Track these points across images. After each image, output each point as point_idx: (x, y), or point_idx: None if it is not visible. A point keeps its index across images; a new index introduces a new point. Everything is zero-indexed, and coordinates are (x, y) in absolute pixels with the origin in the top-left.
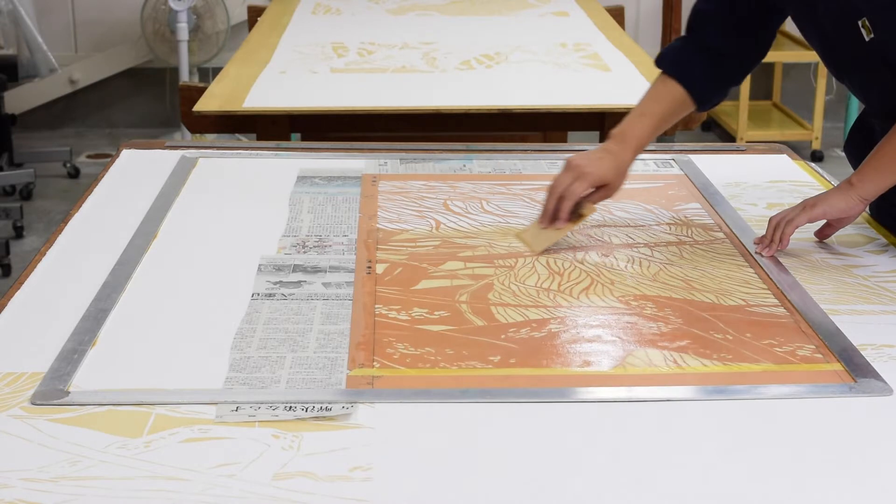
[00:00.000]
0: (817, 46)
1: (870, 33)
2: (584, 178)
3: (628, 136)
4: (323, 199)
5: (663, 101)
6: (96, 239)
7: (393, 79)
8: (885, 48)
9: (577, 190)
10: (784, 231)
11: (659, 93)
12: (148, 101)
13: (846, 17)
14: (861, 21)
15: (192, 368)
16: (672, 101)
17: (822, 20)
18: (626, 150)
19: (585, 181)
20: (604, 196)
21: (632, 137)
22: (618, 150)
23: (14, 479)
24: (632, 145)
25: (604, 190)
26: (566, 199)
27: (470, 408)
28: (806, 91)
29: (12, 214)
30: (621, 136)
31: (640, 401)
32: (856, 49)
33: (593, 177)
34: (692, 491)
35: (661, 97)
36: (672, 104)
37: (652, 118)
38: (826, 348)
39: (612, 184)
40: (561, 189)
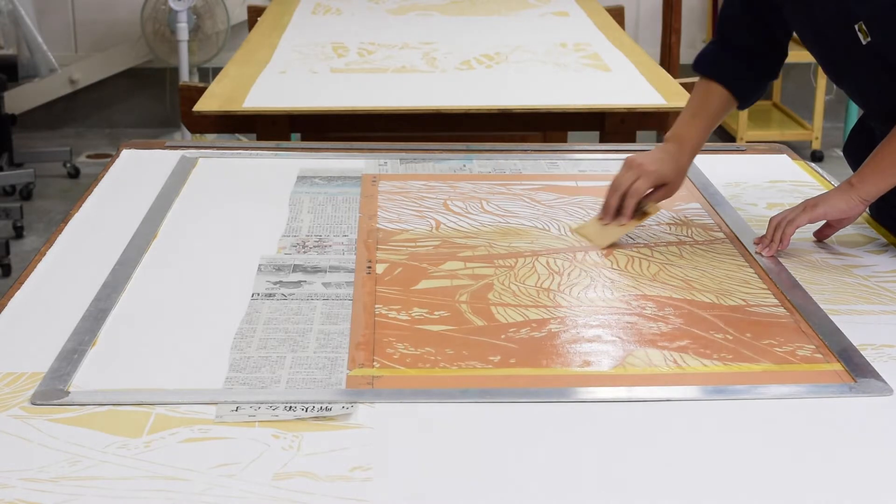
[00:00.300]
0: (815, 51)
1: (867, 37)
2: (648, 177)
3: (685, 138)
4: (323, 199)
5: (710, 101)
6: (96, 239)
7: (393, 79)
8: (883, 51)
9: (641, 187)
10: (785, 231)
11: (704, 95)
12: (148, 101)
13: (843, 21)
14: (858, 25)
15: (192, 368)
16: (718, 101)
17: (819, 25)
18: (684, 151)
19: (649, 179)
20: (664, 196)
21: (688, 139)
22: (676, 151)
23: (14, 479)
24: (689, 147)
25: (664, 189)
26: (630, 197)
27: (470, 408)
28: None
29: (12, 214)
30: (678, 139)
31: (640, 401)
32: (853, 53)
33: (656, 175)
34: (692, 491)
35: (708, 98)
36: (718, 104)
37: (704, 119)
38: (826, 348)
39: (673, 184)
40: (624, 186)
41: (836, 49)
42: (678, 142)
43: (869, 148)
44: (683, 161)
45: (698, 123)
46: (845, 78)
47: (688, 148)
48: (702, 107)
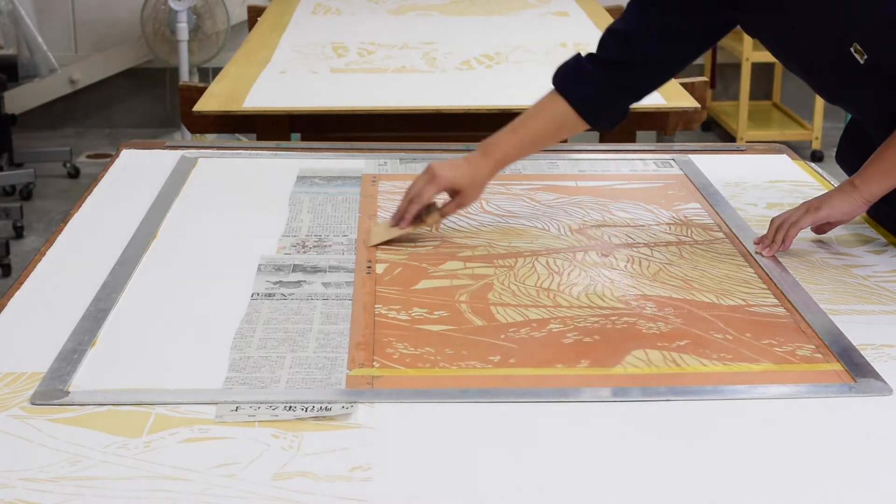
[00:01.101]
0: (804, 76)
1: (863, 56)
2: (434, 183)
3: (493, 149)
4: (323, 199)
5: (542, 119)
6: (96, 239)
7: (393, 79)
8: (882, 66)
9: (427, 194)
10: (787, 233)
11: (540, 110)
12: (148, 101)
13: (834, 46)
14: (853, 46)
15: (192, 368)
16: (553, 118)
17: (808, 54)
18: (487, 163)
19: (435, 186)
20: (456, 206)
21: (496, 151)
22: (479, 161)
23: (14, 479)
24: (493, 159)
25: (457, 199)
26: (414, 202)
27: (470, 408)
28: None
29: (12, 214)
30: (486, 149)
31: (640, 401)
32: (849, 73)
33: (444, 181)
34: (692, 491)
35: (542, 114)
36: (552, 122)
37: (524, 135)
38: (826, 348)
39: (466, 193)
40: (413, 192)
41: (830, 73)
42: (485, 152)
43: (862, 152)
44: (482, 173)
45: (516, 139)
46: (841, 97)
47: (492, 160)
48: (530, 123)
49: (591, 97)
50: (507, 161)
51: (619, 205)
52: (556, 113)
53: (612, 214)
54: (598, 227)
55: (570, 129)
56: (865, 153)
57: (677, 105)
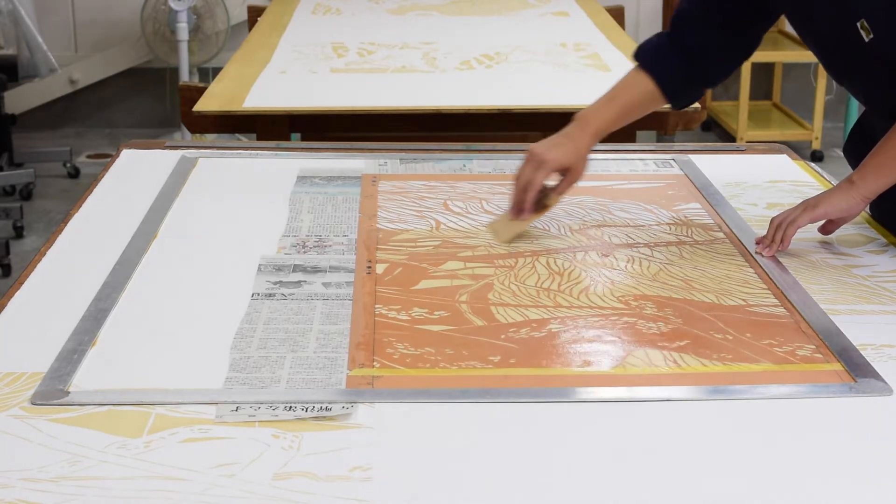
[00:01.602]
0: (816, 51)
1: (869, 34)
2: (544, 166)
3: (590, 120)
4: (323, 199)
5: (633, 91)
6: (96, 239)
7: (393, 79)
8: (885, 48)
9: (538, 179)
10: (786, 232)
11: (630, 83)
12: (148, 101)
13: (844, 20)
14: (860, 22)
15: (192, 368)
16: (642, 93)
17: (820, 25)
18: (586, 134)
19: (545, 169)
20: (569, 183)
21: (593, 122)
22: (578, 134)
23: (14, 479)
24: (592, 129)
25: (568, 176)
26: (528, 190)
27: (470, 408)
28: (806, 91)
29: (12, 214)
30: (583, 120)
31: (640, 401)
32: (855, 51)
33: (553, 163)
34: (692, 491)
35: (632, 87)
36: (641, 96)
37: (618, 105)
38: (826, 348)
39: (574, 168)
40: (524, 180)
41: (838, 48)
42: (582, 123)
43: (869, 147)
44: (583, 144)
45: (612, 108)
46: (847, 77)
47: (591, 130)
48: (622, 93)
49: (671, 77)
50: (605, 131)
51: (619, 205)
52: (644, 88)
53: (612, 214)
54: (598, 227)
55: (654, 104)
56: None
57: None
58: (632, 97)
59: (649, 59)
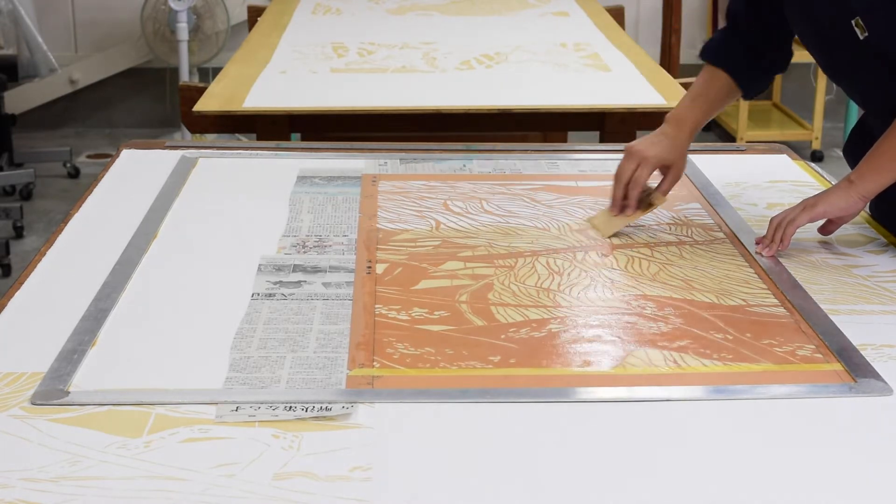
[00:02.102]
0: (814, 50)
1: (864, 31)
2: (647, 163)
3: (683, 118)
4: (323, 199)
5: (712, 87)
6: (96, 239)
7: (393, 79)
8: (881, 45)
9: (643, 176)
10: (785, 231)
11: (708, 80)
12: (148, 101)
13: (840, 17)
14: (855, 20)
15: (192, 368)
16: (720, 87)
17: (817, 23)
18: (683, 131)
19: (648, 165)
20: (672, 180)
21: (687, 120)
22: (674, 132)
23: (14, 479)
24: (688, 127)
25: (669, 174)
26: (633, 187)
27: (470, 408)
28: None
29: (12, 214)
30: (676, 120)
31: (640, 401)
32: (851, 49)
33: (655, 159)
34: (692, 491)
35: (711, 84)
36: (721, 90)
37: (704, 102)
38: (826, 348)
39: (675, 165)
40: (626, 176)
41: (835, 46)
42: (676, 123)
43: (869, 148)
44: (682, 141)
45: (698, 106)
46: (844, 76)
47: (687, 128)
48: (703, 91)
49: (741, 69)
50: (698, 128)
51: None
52: (722, 83)
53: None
54: None
55: (733, 96)
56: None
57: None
58: (714, 92)
59: (718, 55)
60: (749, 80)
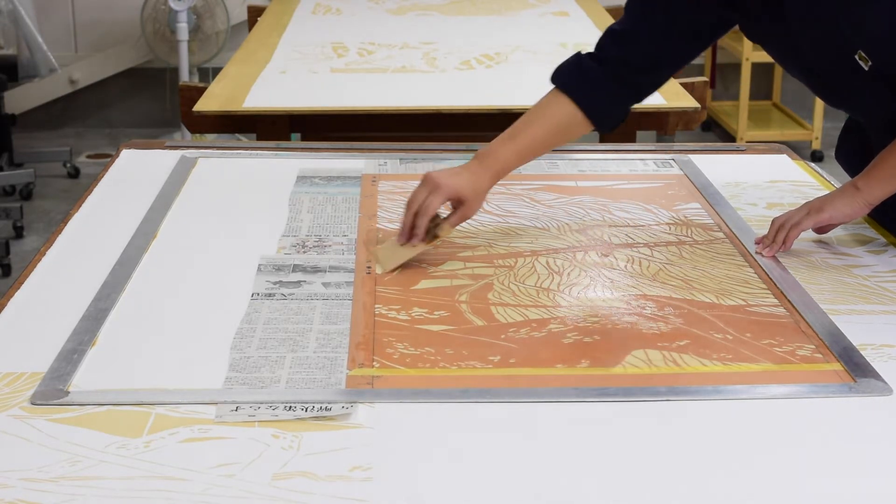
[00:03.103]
0: (807, 81)
1: (867, 62)
2: (439, 192)
3: (491, 159)
4: (323, 199)
5: (543, 123)
6: (96, 239)
7: (393, 79)
8: (887, 72)
9: (433, 204)
10: (789, 234)
11: (541, 113)
12: (148, 101)
13: (837, 53)
14: (857, 53)
15: (192, 368)
16: (555, 123)
17: (810, 61)
18: (487, 172)
19: (440, 195)
20: (461, 217)
21: (495, 161)
22: (478, 170)
23: (14, 479)
24: (493, 169)
25: (461, 210)
26: (422, 215)
27: (470, 408)
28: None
29: (12, 214)
30: (485, 157)
31: (641, 401)
32: (853, 79)
33: (448, 190)
34: (692, 491)
35: (543, 119)
36: (554, 126)
37: (523, 142)
38: (826, 348)
39: (469, 203)
40: (417, 204)
41: (833, 79)
42: (484, 160)
43: (861, 148)
44: (483, 182)
45: (513, 146)
46: (844, 102)
47: (492, 170)
48: (529, 129)
49: (596, 96)
50: (506, 171)
51: (619, 205)
52: (559, 115)
53: (612, 214)
54: (598, 227)
55: (572, 133)
56: (865, 150)
57: (677, 105)
58: (542, 130)
59: (570, 81)
60: (604, 111)
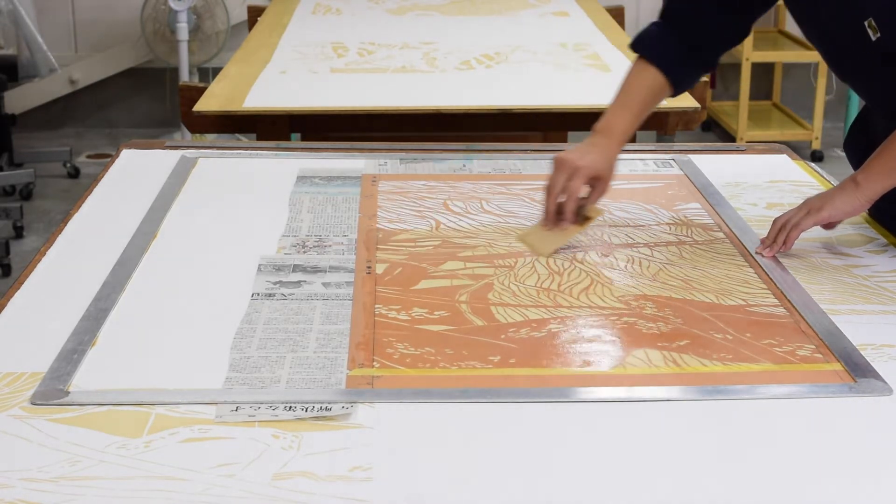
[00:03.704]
0: (820, 47)
1: (876, 33)
2: (580, 174)
3: (613, 129)
4: (323, 199)
5: (642, 90)
6: (96, 239)
7: (393, 79)
8: (892, 47)
9: (576, 186)
10: (790, 235)
11: (637, 82)
12: (148, 101)
13: (850, 18)
14: (867, 21)
15: (192, 368)
16: (650, 88)
17: (825, 23)
18: (613, 143)
19: (581, 176)
20: (599, 193)
21: (617, 131)
22: (605, 143)
23: (14, 479)
24: (617, 138)
25: (598, 187)
26: (569, 199)
27: (470, 408)
28: (806, 91)
29: (12, 214)
30: (606, 131)
31: (640, 401)
32: (861, 50)
33: (589, 170)
34: (692, 491)
35: (640, 86)
36: (650, 92)
37: (633, 109)
38: (826, 348)
39: (604, 177)
40: (559, 188)
41: (843, 46)
42: (607, 133)
43: (869, 143)
44: (613, 153)
45: (628, 114)
46: (852, 75)
47: (616, 140)
48: (634, 96)
49: (674, 63)
50: (627, 138)
51: (619, 205)
52: (651, 81)
53: (612, 214)
54: (598, 227)
55: (662, 95)
56: (871, 145)
57: (677, 105)
58: (643, 97)
59: (654, 50)
60: (681, 77)
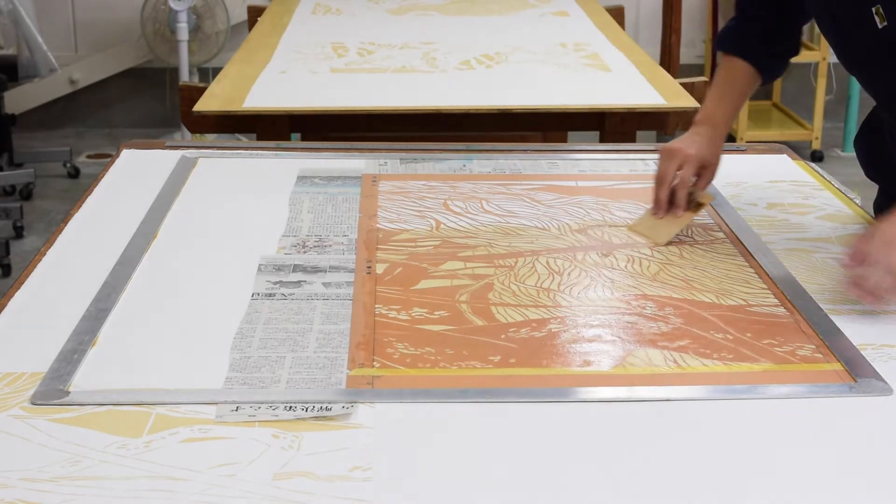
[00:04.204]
0: (830, 37)
1: (883, 20)
2: (690, 162)
3: (715, 119)
4: (323, 199)
5: (735, 81)
6: (96, 239)
7: (393, 79)
8: None
9: (688, 174)
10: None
11: (729, 74)
12: (148, 101)
13: (859, 5)
14: (875, 8)
15: (192, 368)
16: (742, 79)
17: (835, 9)
18: (716, 132)
19: (692, 165)
20: (707, 180)
21: (719, 121)
22: (709, 132)
23: (14, 479)
24: (720, 127)
25: (705, 174)
26: (681, 187)
27: (470, 408)
28: (806, 91)
29: (12, 214)
30: (708, 121)
31: (640, 401)
32: (868, 38)
33: (698, 159)
34: (692, 491)
35: (734, 77)
36: (743, 83)
37: (731, 98)
38: (826, 348)
39: (712, 164)
40: (670, 177)
41: (851, 34)
42: (710, 123)
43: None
44: (718, 139)
45: (725, 101)
46: (858, 65)
47: (720, 128)
48: (728, 87)
49: (759, 55)
50: (730, 124)
51: (619, 205)
52: (741, 73)
53: (612, 214)
54: (598, 227)
55: (755, 84)
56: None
57: (677, 105)
58: (739, 86)
59: (734, 44)
60: (767, 65)
